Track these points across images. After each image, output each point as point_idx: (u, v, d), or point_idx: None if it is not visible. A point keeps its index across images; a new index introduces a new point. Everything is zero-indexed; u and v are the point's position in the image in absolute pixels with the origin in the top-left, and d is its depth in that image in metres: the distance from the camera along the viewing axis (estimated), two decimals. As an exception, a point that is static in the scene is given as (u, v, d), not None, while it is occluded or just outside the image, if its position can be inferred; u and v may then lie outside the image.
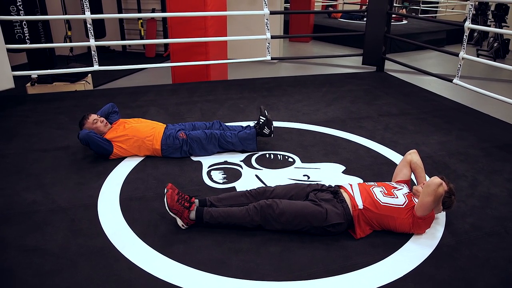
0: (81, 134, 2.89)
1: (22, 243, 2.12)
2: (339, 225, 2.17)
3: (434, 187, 2.07)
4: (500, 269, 2.01)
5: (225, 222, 2.21)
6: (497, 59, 8.28)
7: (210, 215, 2.21)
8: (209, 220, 2.21)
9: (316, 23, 10.89)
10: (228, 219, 2.20)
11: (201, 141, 3.05)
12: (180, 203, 2.20)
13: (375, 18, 5.60)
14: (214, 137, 3.07)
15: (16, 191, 2.60)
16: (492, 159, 3.20)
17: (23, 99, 4.44)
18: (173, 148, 3.03)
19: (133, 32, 8.51)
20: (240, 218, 2.19)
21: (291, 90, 4.91)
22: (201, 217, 2.21)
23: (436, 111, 4.28)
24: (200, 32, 4.96)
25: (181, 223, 2.22)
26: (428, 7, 14.20)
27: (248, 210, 2.19)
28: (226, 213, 2.21)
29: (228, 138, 3.09)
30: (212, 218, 2.21)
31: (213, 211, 2.22)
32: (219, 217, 2.21)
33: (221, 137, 3.08)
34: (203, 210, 2.22)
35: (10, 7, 5.10)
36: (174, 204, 2.18)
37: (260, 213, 2.17)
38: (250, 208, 2.20)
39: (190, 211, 2.21)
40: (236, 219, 2.20)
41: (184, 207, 2.20)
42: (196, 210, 2.22)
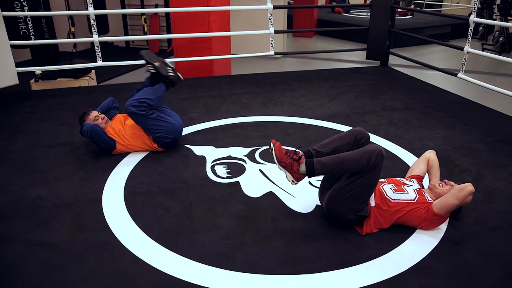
0: (85, 127, 2.90)
1: (28, 237, 2.14)
2: (360, 218, 2.17)
3: (466, 194, 2.08)
4: (504, 263, 2.01)
5: (338, 168, 2.08)
6: (502, 53, 8.21)
7: (322, 164, 2.07)
8: (321, 170, 2.08)
9: (320, 18, 10.84)
10: (343, 164, 2.06)
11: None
12: (289, 156, 2.09)
13: (379, 12, 5.57)
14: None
15: (21, 186, 2.62)
16: (496, 153, 3.19)
17: (27, 95, 4.46)
18: (160, 142, 3.01)
19: (136, 28, 8.51)
20: (357, 161, 2.04)
21: (295, 85, 4.90)
22: (312, 169, 2.07)
23: (440, 105, 4.26)
24: (203, 27, 4.95)
25: (291, 178, 2.11)
26: (433, 1, 14.09)
27: (366, 151, 2.04)
28: (340, 158, 2.07)
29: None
30: (324, 166, 2.07)
31: (324, 160, 2.08)
32: (332, 164, 2.07)
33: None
34: (313, 161, 2.09)
35: (14, 3, 5.12)
36: (282, 156, 2.08)
37: (376, 157, 2.02)
38: (369, 149, 2.04)
39: (299, 163, 2.09)
40: (351, 162, 2.04)
41: (293, 159, 2.08)
42: (306, 162, 2.09)
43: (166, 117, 3.03)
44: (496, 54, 6.85)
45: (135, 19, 8.50)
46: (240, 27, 6.53)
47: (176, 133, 3.07)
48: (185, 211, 2.38)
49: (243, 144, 3.24)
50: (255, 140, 3.32)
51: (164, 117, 3.01)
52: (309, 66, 6.96)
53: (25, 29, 5.34)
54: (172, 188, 2.61)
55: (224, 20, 5.34)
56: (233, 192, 2.58)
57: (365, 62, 6.38)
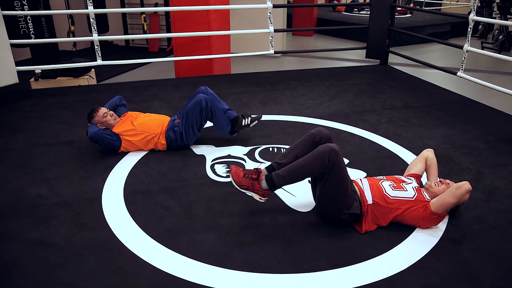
0: (90, 133, 2.90)
1: (28, 236, 2.14)
2: (353, 216, 2.17)
3: (464, 192, 2.09)
4: (503, 262, 2.01)
5: (297, 177, 2.11)
6: (502, 52, 8.20)
7: (280, 177, 2.10)
8: (281, 182, 2.11)
9: (320, 17, 10.83)
10: (299, 172, 2.09)
11: (190, 119, 3.00)
12: (248, 177, 2.12)
13: (378, 11, 5.56)
14: (203, 108, 3.00)
15: (21, 185, 2.62)
16: (496, 152, 3.18)
17: (27, 94, 4.46)
18: (174, 141, 3.04)
19: (136, 27, 8.51)
20: (310, 166, 2.07)
21: (294, 84, 4.90)
22: (273, 184, 2.11)
23: (440, 104, 4.26)
24: (203, 26, 4.94)
25: (258, 197, 2.14)
26: (433, 0, 14.08)
27: (316, 155, 2.06)
28: (295, 167, 2.10)
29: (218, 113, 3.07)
30: (283, 179, 2.10)
31: (281, 172, 2.11)
32: (289, 174, 2.10)
33: (210, 107, 3.03)
34: (271, 176, 2.11)
35: (14, 2, 5.11)
36: (241, 180, 2.11)
37: (328, 155, 2.04)
38: (318, 151, 2.07)
39: (260, 181, 2.12)
40: (306, 168, 2.08)
41: (252, 179, 2.12)
42: (266, 178, 2.12)
43: (199, 132, 3.10)
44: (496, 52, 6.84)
45: (134, 18, 8.50)
46: (240, 26, 6.53)
47: (188, 144, 3.12)
48: (184, 210, 2.38)
49: (242, 143, 3.23)
50: (254, 139, 3.32)
51: (199, 131, 3.09)
52: (309, 65, 6.96)
53: (25, 28, 5.33)
54: (172, 187, 2.61)
55: (224, 19, 5.33)
56: (233, 191, 2.56)
57: (364, 61, 6.38)
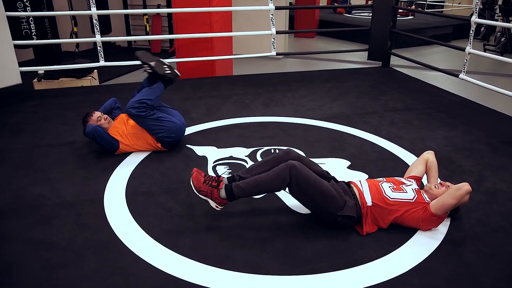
0: (88, 128, 2.91)
1: (30, 236, 2.14)
2: (349, 219, 2.17)
3: (463, 193, 2.08)
4: (505, 264, 2.01)
5: (256, 191, 2.14)
6: (504, 54, 8.19)
7: (240, 189, 2.12)
8: (240, 194, 2.12)
9: (322, 18, 10.84)
10: (259, 187, 2.12)
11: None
12: (208, 183, 2.13)
13: (380, 13, 5.56)
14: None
15: (23, 185, 2.63)
16: (498, 154, 3.18)
17: (30, 95, 4.47)
18: (163, 139, 3.00)
19: (138, 28, 8.53)
20: (270, 182, 2.10)
21: (296, 85, 4.90)
22: (231, 194, 2.12)
23: (442, 106, 4.26)
24: (205, 27, 4.95)
25: (214, 205, 2.15)
26: (435, 2, 14.07)
27: (277, 172, 2.09)
28: (256, 181, 2.12)
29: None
30: (242, 190, 2.12)
31: (242, 184, 2.13)
32: (249, 187, 2.12)
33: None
34: (232, 186, 2.13)
35: (17, 3, 5.13)
36: (200, 185, 2.12)
37: (289, 173, 2.06)
38: (279, 168, 2.10)
39: (219, 189, 2.13)
40: (266, 184, 2.11)
41: (212, 186, 2.12)
42: (225, 187, 2.13)
43: (167, 116, 3.04)
44: (498, 54, 6.84)
45: (137, 19, 8.52)
46: (242, 28, 6.53)
47: (178, 132, 3.07)
48: (186, 211, 2.38)
49: (244, 145, 3.24)
50: (256, 140, 3.32)
51: (165, 117, 3.01)
52: (311, 67, 6.97)
53: (27, 29, 5.35)
54: (174, 188, 2.61)
55: (226, 21, 5.34)
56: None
57: (366, 63, 6.38)
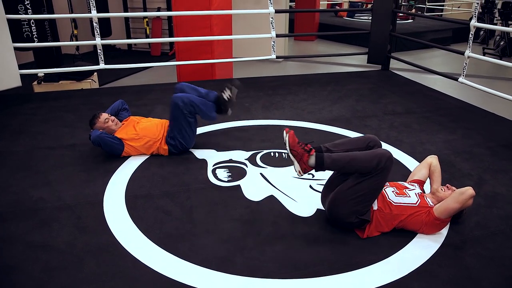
0: (92, 136, 2.90)
1: (29, 239, 2.14)
2: (362, 222, 2.16)
3: (467, 197, 2.09)
4: (505, 268, 2.01)
5: (347, 166, 2.11)
6: (503, 58, 8.21)
7: (331, 160, 2.10)
8: (331, 165, 2.11)
9: (321, 22, 10.87)
10: (352, 163, 2.09)
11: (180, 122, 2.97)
12: (301, 146, 2.12)
13: (380, 16, 5.58)
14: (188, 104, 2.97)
15: (22, 188, 2.63)
16: (497, 158, 3.18)
17: (30, 97, 4.48)
18: (174, 146, 3.05)
19: (138, 31, 8.55)
20: (366, 162, 2.06)
21: (296, 88, 4.91)
22: (321, 162, 2.10)
23: (441, 109, 4.26)
24: (205, 30, 4.97)
25: (299, 169, 2.14)
26: (434, 6, 14.12)
27: (377, 154, 2.06)
28: (350, 157, 2.10)
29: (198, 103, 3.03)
30: (333, 162, 2.10)
31: (334, 156, 2.11)
32: (341, 160, 2.10)
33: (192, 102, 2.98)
34: (323, 155, 2.11)
35: (18, 6, 5.15)
36: (295, 145, 2.11)
37: (386, 161, 2.04)
38: (380, 152, 2.07)
39: (310, 155, 2.11)
40: (361, 162, 2.07)
41: (305, 150, 2.11)
42: (316, 155, 2.11)
43: (194, 128, 3.10)
44: (497, 58, 6.86)
45: (137, 22, 8.54)
46: (242, 31, 6.55)
47: (190, 145, 3.14)
48: (186, 214, 2.38)
49: (244, 148, 3.24)
50: (256, 143, 3.33)
51: (193, 127, 3.08)
52: (311, 70, 6.98)
53: (28, 32, 5.37)
54: (173, 191, 2.62)
55: (226, 24, 5.35)
56: (234, 196, 2.58)
57: (366, 66, 6.40)
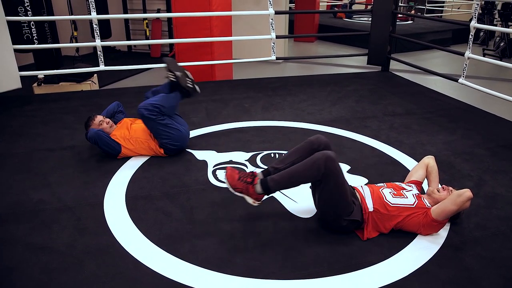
0: (90, 133, 2.92)
1: (29, 241, 2.14)
2: (353, 223, 2.17)
3: (464, 199, 2.08)
4: (505, 269, 2.01)
5: (291, 182, 2.12)
6: (503, 59, 8.22)
7: (275, 182, 2.11)
8: (276, 187, 2.11)
9: (321, 23, 10.89)
10: (294, 179, 2.10)
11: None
12: (242, 180, 2.13)
13: (380, 17, 5.59)
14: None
15: (22, 189, 2.63)
16: (497, 158, 3.19)
17: (30, 99, 4.48)
18: (168, 149, 3.03)
19: (138, 32, 8.55)
20: (306, 172, 2.07)
21: (296, 89, 4.91)
22: (267, 188, 2.11)
23: (441, 110, 4.27)
24: (205, 32, 4.97)
25: (251, 201, 2.14)
26: (434, 7, 14.13)
27: (312, 161, 2.05)
28: (290, 173, 2.10)
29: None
30: (277, 184, 2.11)
31: (276, 177, 2.11)
32: (283, 180, 2.10)
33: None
34: (267, 180, 2.12)
35: (18, 8, 5.15)
36: (236, 182, 2.12)
37: (325, 163, 2.03)
38: (315, 158, 2.06)
39: (254, 185, 2.12)
40: (301, 174, 2.08)
41: (247, 183, 2.12)
42: (260, 182, 2.12)
43: (175, 124, 3.05)
44: (497, 59, 6.86)
45: (137, 24, 8.55)
46: (242, 32, 6.56)
47: (182, 141, 3.09)
48: (186, 215, 2.38)
49: (244, 149, 3.24)
50: (256, 144, 3.33)
51: (173, 124, 3.03)
52: (310, 71, 6.99)
53: (28, 34, 5.37)
54: (174, 193, 2.62)
55: (226, 25, 5.36)
56: (234, 197, 2.55)
57: (366, 67, 6.40)
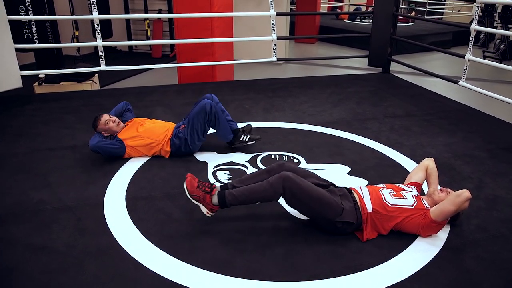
0: (90, 145, 2.90)
1: (30, 241, 2.14)
2: (349, 225, 2.17)
3: (463, 200, 2.09)
4: (505, 271, 2.01)
5: (248, 199, 2.17)
6: (503, 61, 8.23)
7: (232, 196, 2.16)
8: (232, 201, 2.16)
9: (322, 24, 10.89)
10: (251, 196, 2.15)
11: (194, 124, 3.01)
12: (201, 189, 2.16)
13: (381, 19, 5.59)
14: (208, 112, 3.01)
15: (23, 190, 2.63)
16: (497, 160, 3.19)
17: (31, 99, 4.48)
18: (178, 148, 3.06)
19: (139, 33, 8.56)
20: (263, 192, 2.13)
21: (296, 91, 4.91)
22: (223, 201, 2.16)
23: (441, 112, 4.27)
24: (206, 33, 4.97)
25: (206, 210, 2.18)
26: (434, 9, 14.15)
27: (270, 182, 2.12)
28: (248, 190, 2.16)
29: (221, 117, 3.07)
30: (234, 198, 2.15)
31: (235, 192, 2.17)
32: (241, 196, 2.15)
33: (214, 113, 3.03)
34: (224, 193, 2.17)
35: (19, 7, 5.16)
36: (194, 190, 2.15)
37: (282, 184, 2.09)
38: (273, 179, 2.13)
39: (212, 195, 2.16)
40: (258, 193, 2.14)
41: (205, 192, 2.16)
42: (218, 194, 2.17)
43: (202, 139, 3.11)
44: (497, 61, 6.87)
45: (138, 24, 8.55)
46: (243, 33, 6.56)
47: (193, 151, 3.13)
48: (186, 216, 2.38)
49: (244, 150, 3.24)
50: (256, 146, 3.32)
51: (201, 140, 3.10)
52: (311, 73, 6.99)
53: (29, 33, 5.38)
54: (174, 193, 2.62)
55: (227, 26, 5.37)
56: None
57: (367, 69, 6.40)
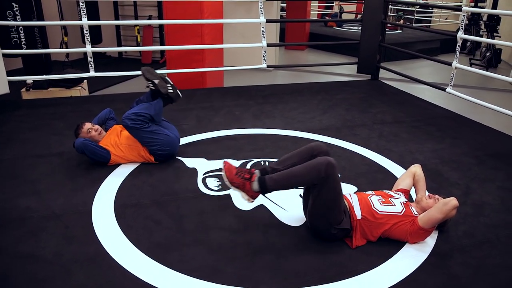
0: (76, 143, 2.89)
1: (16, 249, 2.11)
2: (343, 231, 2.18)
3: (450, 208, 2.11)
4: (492, 276, 2.03)
5: (289, 184, 2.12)
6: (489, 69, 8.37)
7: (273, 181, 2.09)
8: (274, 186, 2.10)
9: (312, 32, 10.98)
10: (293, 179, 2.10)
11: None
12: (240, 176, 2.11)
13: (370, 27, 5.66)
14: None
15: (10, 197, 2.59)
16: (484, 167, 3.23)
17: (18, 105, 4.43)
18: (159, 155, 3.02)
19: (129, 39, 8.53)
20: (305, 175, 2.07)
21: (286, 97, 4.94)
22: (264, 186, 2.10)
23: (429, 119, 4.32)
24: (196, 39, 4.98)
25: (247, 197, 2.13)
26: (422, 17, 14.36)
27: (315, 164, 2.05)
28: (290, 174, 2.10)
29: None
30: (275, 183, 2.10)
31: (275, 176, 2.10)
32: (282, 180, 2.10)
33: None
34: (265, 178, 2.10)
35: (7, 12, 5.11)
36: (233, 177, 2.10)
37: (325, 169, 2.03)
38: (318, 162, 2.06)
39: (251, 182, 2.10)
40: (300, 177, 2.08)
41: (244, 179, 2.10)
42: (258, 180, 2.10)
43: (162, 129, 3.04)
44: (483, 69, 6.99)
45: (128, 30, 8.53)
46: (233, 40, 6.59)
47: (172, 146, 3.07)
48: (175, 223, 2.37)
49: (234, 157, 3.24)
50: (246, 152, 3.33)
51: (160, 130, 3.01)
52: (301, 79, 7.03)
53: (16, 38, 5.33)
54: (163, 200, 2.60)
55: (217, 33, 5.38)
56: (224, 205, 2.57)
57: (356, 76, 6.46)
